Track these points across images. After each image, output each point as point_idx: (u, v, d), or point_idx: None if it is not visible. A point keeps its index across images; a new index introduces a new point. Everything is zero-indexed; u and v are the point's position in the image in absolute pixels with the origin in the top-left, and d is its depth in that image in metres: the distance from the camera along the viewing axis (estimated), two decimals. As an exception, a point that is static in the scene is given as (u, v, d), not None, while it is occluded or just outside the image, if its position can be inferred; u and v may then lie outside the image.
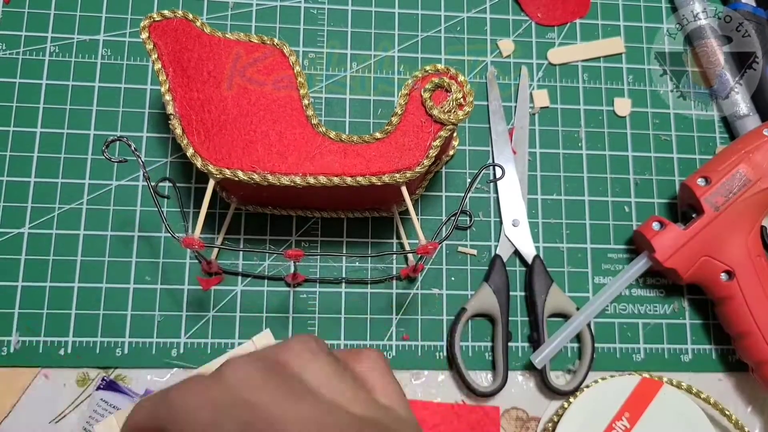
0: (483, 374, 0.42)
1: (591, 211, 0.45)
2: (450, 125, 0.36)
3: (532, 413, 0.42)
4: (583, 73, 0.47)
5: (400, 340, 0.42)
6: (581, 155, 0.46)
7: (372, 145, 0.36)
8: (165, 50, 0.36)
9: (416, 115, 0.36)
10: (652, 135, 0.47)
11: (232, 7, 0.46)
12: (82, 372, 0.40)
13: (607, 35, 0.48)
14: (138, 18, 0.45)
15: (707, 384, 0.43)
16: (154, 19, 0.36)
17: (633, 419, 0.40)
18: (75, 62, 0.44)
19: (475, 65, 0.47)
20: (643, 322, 0.44)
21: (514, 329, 0.43)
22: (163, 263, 0.42)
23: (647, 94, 0.48)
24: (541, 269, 0.43)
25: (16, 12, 0.44)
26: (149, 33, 0.36)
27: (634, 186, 0.46)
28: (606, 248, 0.45)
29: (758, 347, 0.40)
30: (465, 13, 0.48)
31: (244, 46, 0.38)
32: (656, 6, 0.49)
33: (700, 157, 0.47)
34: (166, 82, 0.36)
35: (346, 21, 0.47)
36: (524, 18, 0.48)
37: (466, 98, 0.36)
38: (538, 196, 0.45)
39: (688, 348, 0.44)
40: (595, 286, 0.44)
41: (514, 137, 0.46)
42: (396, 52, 0.47)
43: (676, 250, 0.41)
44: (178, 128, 0.35)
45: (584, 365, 0.42)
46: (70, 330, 0.40)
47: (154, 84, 0.44)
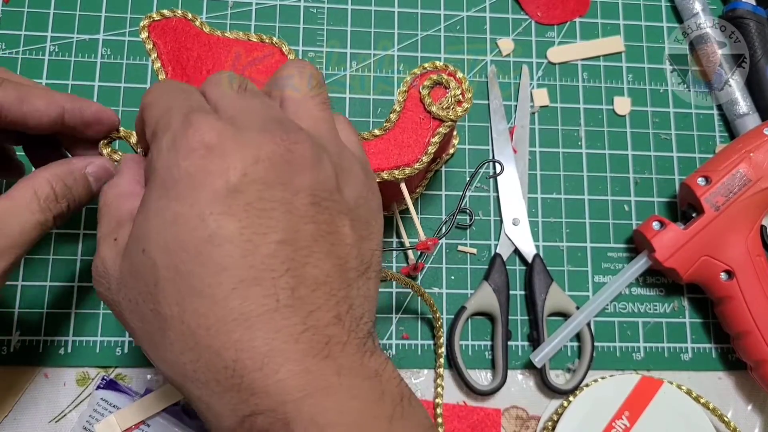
0: (483, 373, 0.42)
1: (591, 210, 0.45)
2: (449, 122, 0.36)
3: (531, 412, 0.42)
4: (583, 72, 0.47)
5: (399, 339, 0.42)
6: (581, 154, 0.46)
7: (371, 142, 0.36)
8: (164, 49, 0.36)
9: (415, 112, 0.36)
10: (652, 134, 0.47)
11: (232, 6, 0.46)
12: (82, 371, 0.40)
13: (607, 34, 0.48)
14: (137, 17, 0.45)
15: (707, 383, 0.43)
16: (154, 19, 0.36)
17: (633, 418, 0.40)
18: (75, 62, 0.44)
19: (475, 64, 0.47)
20: (642, 321, 0.44)
21: (514, 328, 0.43)
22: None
23: (647, 93, 0.48)
24: (541, 268, 0.43)
25: (16, 11, 0.44)
26: (148, 32, 0.36)
27: (634, 185, 0.46)
28: (606, 247, 0.45)
29: (757, 347, 0.40)
30: (465, 12, 0.48)
31: (243, 46, 0.38)
32: (656, 5, 0.49)
33: (700, 156, 0.47)
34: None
35: (345, 20, 0.47)
36: (524, 17, 0.48)
37: (464, 95, 0.36)
38: (538, 195, 0.45)
39: (688, 347, 0.44)
40: (594, 285, 0.44)
41: (515, 136, 0.46)
42: (396, 51, 0.47)
43: (676, 250, 0.41)
44: None
45: (584, 364, 0.42)
46: (70, 330, 0.40)
47: (154, 83, 0.44)
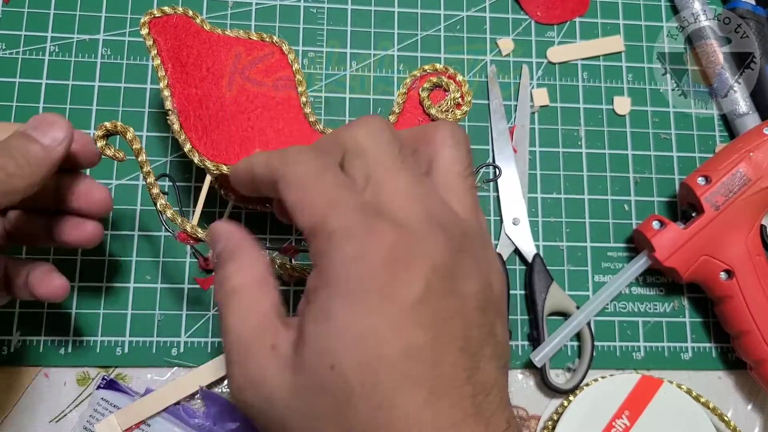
0: (483, 373, 0.42)
1: (591, 209, 0.45)
2: (448, 124, 0.36)
3: (531, 411, 0.42)
4: (583, 72, 0.47)
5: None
6: (581, 154, 0.46)
7: (371, 144, 0.36)
8: (164, 46, 0.36)
9: (414, 113, 0.36)
10: (652, 133, 0.47)
11: (232, 6, 0.46)
12: (82, 371, 0.40)
13: (607, 34, 0.48)
14: (138, 17, 0.45)
15: (707, 382, 0.43)
16: (155, 15, 0.36)
17: (633, 417, 0.40)
18: (75, 62, 0.44)
19: (475, 64, 0.47)
20: (642, 321, 0.44)
21: (514, 328, 0.43)
22: (163, 262, 0.42)
23: (647, 92, 0.48)
24: (541, 268, 0.43)
25: (16, 12, 0.44)
26: (149, 29, 0.36)
27: (634, 184, 0.46)
28: (606, 247, 0.45)
29: (757, 346, 0.40)
30: (464, 12, 0.48)
31: (243, 44, 0.38)
32: (656, 4, 0.49)
33: (700, 156, 0.47)
34: (164, 78, 0.36)
35: (345, 20, 0.47)
36: (524, 17, 0.48)
37: (464, 98, 0.36)
38: (537, 195, 0.45)
39: (688, 346, 0.44)
40: (594, 284, 0.44)
41: (515, 136, 0.46)
42: (395, 51, 0.47)
43: (676, 250, 0.41)
44: (176, 124, 0.35)
45: (584, 363, 0.42)
46: (70, 329, 0.40)
47: (153, 83, 0.44)
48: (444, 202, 0.25)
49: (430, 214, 0.23)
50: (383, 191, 0.24)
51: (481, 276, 0.24)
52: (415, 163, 0.25)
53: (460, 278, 0.23)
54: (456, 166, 0.26)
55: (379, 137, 0.25)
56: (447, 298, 0.22)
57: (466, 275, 0.23)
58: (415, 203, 0.24)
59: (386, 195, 0.24)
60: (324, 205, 0.23)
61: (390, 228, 0.22)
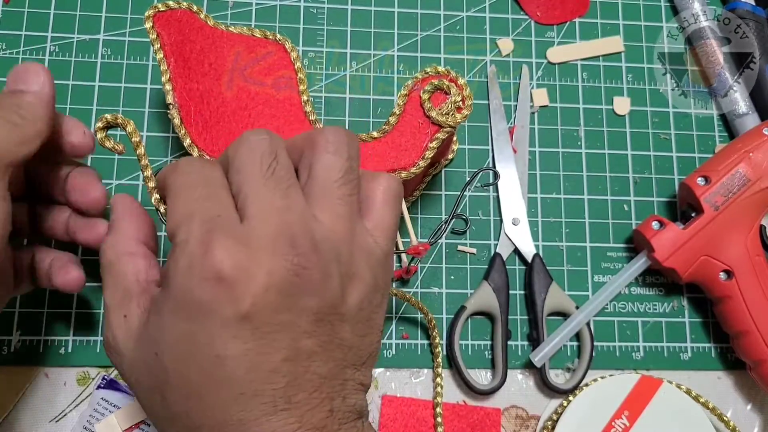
0: (482, 372, 0.42)
1: (590, 209, 0.45)
2: (448, 128, 0.36)
3: (531, 411, 0.42)
4: (583, 72, 0.47)
5: (399, 338, 0.42)
6: (580, 154, 0.46)
7: (369, 144, 0.36)
8: (168, 40, 0.36)
9: (414, 116, 0.36)
10: (652, 134, 0.47)
11: (232, 6, 0.46)
12: (82, 371, 0.40)
13: (607, 34, 0.48)
14: (138, 17, 0.45)
15: (706, 382, 0.43)
16: (159, 9, 0.36)
17: (632, 417, 0.40)
18: (75, 62, 0.44)
19: (475, 64, 0.47)
20: (642, 321, 0.44)
21: (514, 328, 0.43)
22: (163, 262, 0.42)
23: (646, 92, 0.48)
24: (541, 268, 0.43)
25: (16, 12, 0.44)
26: (153, 23, 0.36)
27: (634, 185, 0.46)
28: (605, 247, 0.45)
29: (756, 346, 0.40)
30: (464, 12, 0.48)
31: (246, 42, 0.38)
32: (655, 5, 0.49)
33: (700, 156, 0.47)
34: (167, 72, 0.36)
35: (345, 20, 0.47)
36: (524, 17, 0.48)
37: (465, 101, 0.36)
38: (537, 195, 0.45)
39: (688, 346, 0.44)
40: (594, 284, 0.44)
41: (515, 136, 0.46)
42: (396, 51, 0.47)
43: (675, 250, 0.41)
44: (176, 118, 0.35)
45: (583, 363, 0.42)
46: (70, 329, 0.40)
47: (154, 83, 0.44)
48: (308, 214, 0.25)
49: (283, 230, 0.24)
50: (249, 206, 0.25)
51: (328, 291, 0.25)
52: (286, 174, 0.26)
53: (297, 295, 0.24)
54: (332, 173, 0.26)
55: (255, 152, 0.26)
56: (277, 314, 0.24)
57: (307, 292, 0.24)
58: (270, 218, 0.24)
59: (250, 209, 0.25)
60: (181, 216, 0.25)
61: (231, 246, 0.23)
